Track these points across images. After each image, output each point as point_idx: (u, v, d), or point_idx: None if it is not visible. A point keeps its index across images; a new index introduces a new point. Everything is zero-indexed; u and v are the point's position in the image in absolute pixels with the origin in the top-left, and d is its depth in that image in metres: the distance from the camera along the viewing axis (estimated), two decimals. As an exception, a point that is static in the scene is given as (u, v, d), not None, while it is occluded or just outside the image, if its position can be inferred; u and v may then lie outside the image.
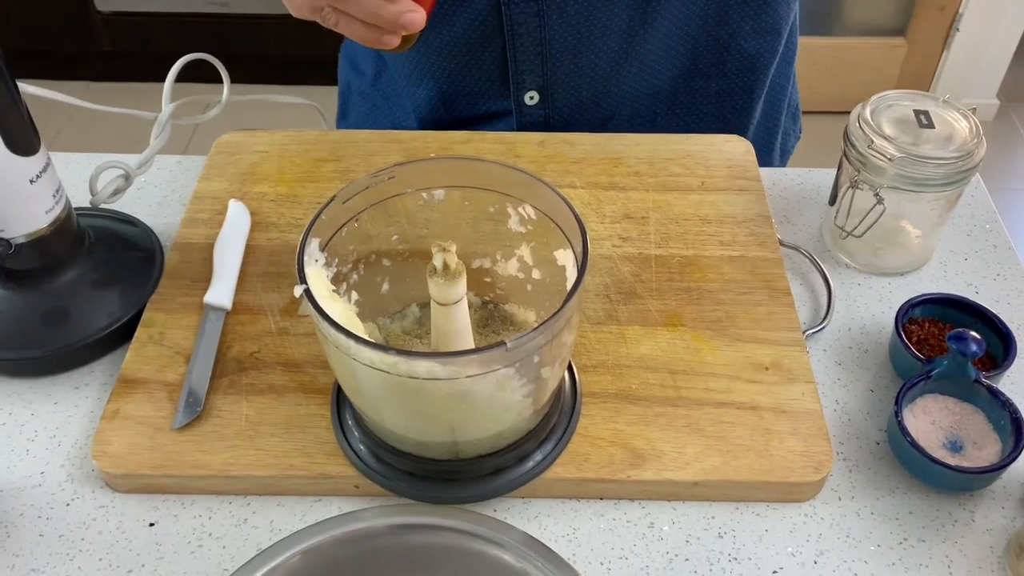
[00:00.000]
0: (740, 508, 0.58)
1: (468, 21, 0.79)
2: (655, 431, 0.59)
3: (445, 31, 0.80)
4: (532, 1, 0.77)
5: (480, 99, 0.85)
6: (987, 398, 0.59)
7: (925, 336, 0.65)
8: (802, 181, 0.80)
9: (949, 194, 0.67)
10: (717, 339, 0.64)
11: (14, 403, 0.63)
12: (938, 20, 2.23)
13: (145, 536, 0.56)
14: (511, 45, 0.79)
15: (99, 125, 0.78)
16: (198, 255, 0.70)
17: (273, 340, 0.64)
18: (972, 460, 0.58)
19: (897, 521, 0.57)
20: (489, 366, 0.49)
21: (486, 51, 0.81)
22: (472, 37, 0.80)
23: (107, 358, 0.66)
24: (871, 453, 0.61)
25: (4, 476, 0.59)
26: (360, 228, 0.58)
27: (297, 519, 0.57)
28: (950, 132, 0.67)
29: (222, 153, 0.79)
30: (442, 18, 0.79)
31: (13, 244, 0.62)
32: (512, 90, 0.83)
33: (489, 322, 0.65)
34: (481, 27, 0.79)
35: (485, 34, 0.80)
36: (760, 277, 0.69)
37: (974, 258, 0.74)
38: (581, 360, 0.63)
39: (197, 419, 0.59)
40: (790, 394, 0.61)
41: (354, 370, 0.50)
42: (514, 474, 0.57)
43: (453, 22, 0.80)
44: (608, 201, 0.75)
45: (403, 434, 0.55)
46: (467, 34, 0.80)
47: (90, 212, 0.72)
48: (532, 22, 0.78)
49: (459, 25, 0.79)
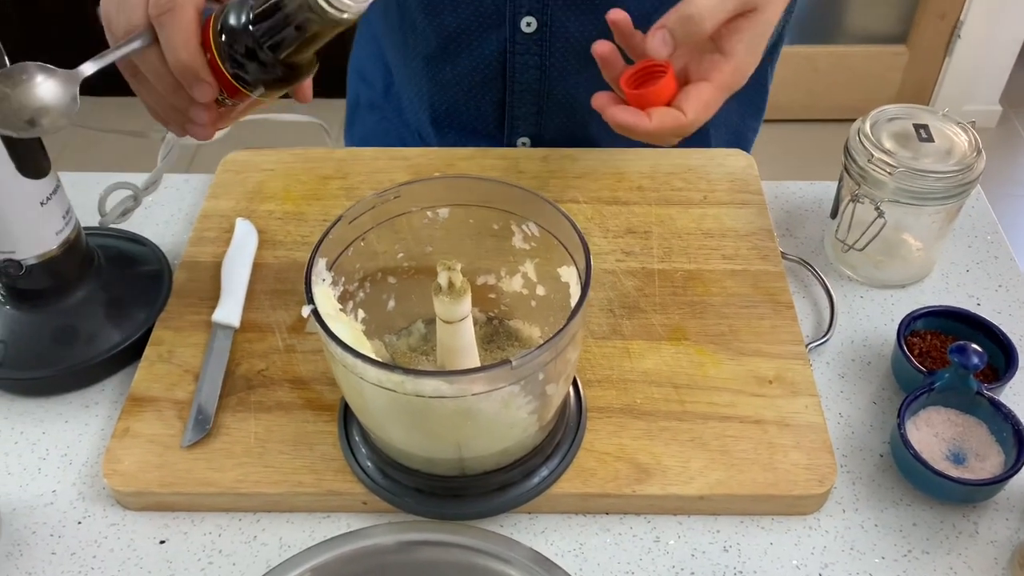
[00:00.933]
0: (745, 522, 0.58)
1: (473, 63, 0.80)
2: (660, 445, 0.60)
3: (448, 68, 0.82)
4: (535, 55, 0.78)
5: (471, 136, 0.86)
6: (989, 410, 0.60)
7: (927, 349, 0.65)
8: (803, 194, 0.81)
9: (949, 207, 0.68)
10: (721, 353, 0.65)
11: (26, 422, 0.64)
12: (939, 27, 2.24)
13: (156, 553, 0.57)
14: (510, 92, 0.81)
15: (105, 140, 0.79)
16: (206, 273, 0.71)
17: (281, 358, 0.65)
18: (975, 472, 0.58)
19: (901, 533, 0.58)
20: (495, 384, 0.50)
21: (485, 94, 0.82)
22: (474, 79, 0.82)
23: (117, 377, 0.66)
24: (874, 465, 0.61)
25: (16, 495, 0.60)
26: (366, 246, 0.58)
27: (306, 535, 0.58)
28: (949, 146, 0.67)
29: (228, 172, 0.80)
30: (448, 56, 0.81)
31: (24, 265, 0.63)
32: (505, 133, 0.84)
33: (494, 338, 0.65)
34: (484, 71, 0.81)
35: (487, 78, 0.81)
36: (763, 290, 0.69)
37: (976, 270, 0.74)
38: (586, 375, 0.64)
39: (206, 437, 0.60)
40: (793, 407, 0.62)
41: (361, 388, 0.51)
42: (520, 490, 0.57)
43: (457, 62, 0.81)
44: (611, 216, 0.75)
45: (410, 451, 0.56)
46: (469, 75, 0.81)
47: (99, 232, 0.73)
48: (533, 74, 0.79)
49: (463, 65, 0.81)
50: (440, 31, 0.79)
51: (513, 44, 0.78)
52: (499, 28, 0.77)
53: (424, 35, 0.80)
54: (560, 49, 0.78)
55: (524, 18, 0.76)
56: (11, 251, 0.62)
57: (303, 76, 0.58)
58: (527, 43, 0.78)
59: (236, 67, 0.54)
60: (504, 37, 0.78)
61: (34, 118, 0.52)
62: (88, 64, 0.53)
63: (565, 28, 0.77)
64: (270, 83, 0.56)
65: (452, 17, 0.78)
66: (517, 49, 0.78)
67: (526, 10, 0.76)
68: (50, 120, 0.52)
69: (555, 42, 0.78)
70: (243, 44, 0.54)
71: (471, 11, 0.77)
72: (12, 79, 0.51)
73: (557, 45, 0.78)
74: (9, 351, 0.65)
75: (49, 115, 0.52)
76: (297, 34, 0.53)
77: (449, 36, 0.79)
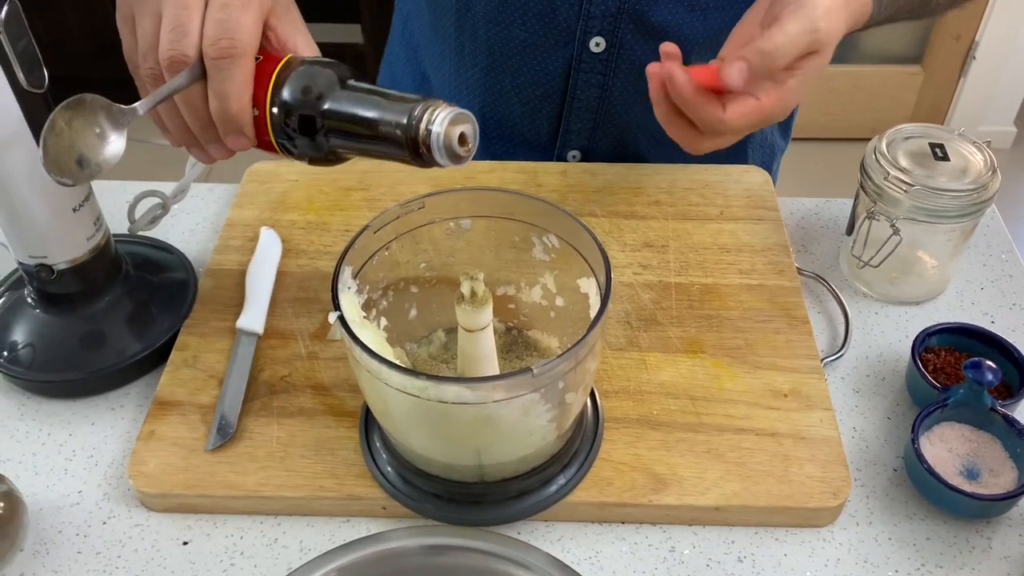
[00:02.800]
0: (760, 533, 0.59)
1: (535, 76, 0.81)
2: (676, 456, 0.60)
3: (508, 80, 0.83)
4: (600, 74, 0.80)
5: (520, 148, 0.87)
6: (1003, 426, 0.60)
7: (941, 365, 0.66)
8: (819, 211, 0.82)
9: (965, 225, 0.69)
10: (737, 366, 0.66)
11: (53, 424, 0.65)
12: (954, 48, 2.25)
13: (179, 554, 0.58)
14: (568, 107, 0.82)
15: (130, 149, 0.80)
16: (230, 281, 0.72)
17: (303, 364, 0.66)
18: (989, 487, 0.58)
19: (915, 547, 0.58)
20: (515, 391, 0.51)
21: (543, 108, 0.84)
22: (535, 92, 0.83)
23: (142, 380, 0.68)
24: (888, 480, 0.62)
25: (43, 494, 0.61)
26: (390, 256, 0.60)
27: (326, 539, 0.58)
28: (965, 165, 0.68)
29: (253, 182, 0.81)
30: (509, 68, 0.82)
31: (55, 270, 0.64)
32: (557, 146, 0.86)
33: (513, 348, 0.66)
34: (546, 85, 0.82)
35: (547, 92, 0.82)
36: (779, 305, 0.70)
37: (990, 288, 0.75)
38: (603, 386, 0.65)
39: (230, 441, 0.61)
40: (809, 421, 0.62)
41: (385, 394, 0.52)
42: (538, 497, 0.58)
43: (519, 74, 0.82)
44: (628, 230, 0.76)
45: (431, 457, 0.57)
46: (530, 88, 0.83)
47: (127, 239, 0.74)
48: (594, 92, 0.81)
49: (524, 78, 0.82)
50: (505, 43, 0.80)
51: (579, 63, 0.79)
52: (567, 46, 0.79)
53: (486, 46, 0.81)
54: (624, 71, 0.80)
55: (594, 38, 0.78)
56: (43, 256, 0.64)
57: (341, 162, 0.55)
58: (593, 62, 0.79)
59: (284, 137, 0.52)
60: (571, 55, 0.79)
61: (84, 157, 0.50)
62: (141, 104, 0.52)
63: (632, 51, 0.78)
64: (312, 159, 0.54)
65: (520, 31, 0.79)
66: (582, 68, 0.79)
67: (596, 30, 0.77)
68: (97, 164, 0.50)
69: (620, 64, 0.79)
70: (305, 122, 0.51)
71: (541, 26, 0.78)
72: (72, 112, 0.49)
73: (622, 67, 0.79)
74: (38, 354, 0.66)
75: (99, 157, 0.50)
76: (372, 146, 0.50)
77: (514, 49, 0.80)
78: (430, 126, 0.48)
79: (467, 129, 0.49)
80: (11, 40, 0.55)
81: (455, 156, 0.49)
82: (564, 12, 0.77)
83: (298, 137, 0.52)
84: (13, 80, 0.56)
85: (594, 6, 0.76)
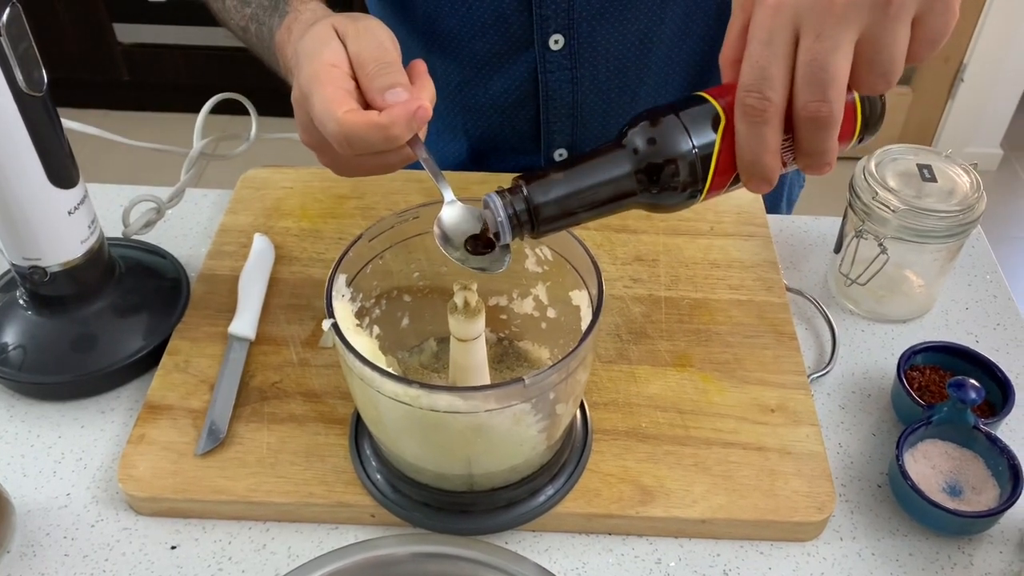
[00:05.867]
0: (745, 546, 0.59)
1: (505, 85, 0.83)
2: (664, 469, 0.61)
3: (481, 93, 0.84)
4: (567, 70, 0.81)
5: (510, 155, 0.89)
6: (986, 444, 0.61)
7: (926, 383, 0.67)
8: (808, 229, 0.83)
9: (951, 245, 0.70)
10: (725, 380, 0.66)
11: (42, 426, 0.65)
12: (943, 70, 2.27)
13: (167, 559, 0.58)
14: (544, 108, 0.84)
15: (118, 153, 0.80)
16: (223, 286, 0.72)
17: (295, 371, 0.66)
18: (971, 504, 0.59)
19: (897, 563, 0.59)
20: (507, 401, 0.51)
21: (520, 113, 0.85)
22: (508, 100, 0.84)
23: (133, 384, 0.68)
24: (872, 495, 0.62)
25: (31, 496, 0.61)
26: (384, 265, 0.60)
27: (314, 546, 0.59)
28: (952, 186, 0.69)
29: (248, 188, 0.82)
30: (479, 82, 0.83)
31: (48, 272, 0.64)
32: (543, 148, 0.87)
33: (504, 358, 0.67)
34: (517, 91, 0.83)
35: (520, 98, 0.84)
36: (767, 321, 0.71)
37: (975, 308, 0.76)
38: (592, 397, 0.65)
39: (220, 446, 0.61)
40: (795, 436, 0.63)
41: (377, 402, 0.52)
42: (526, 507, 0.58)
43: (490, 86, 0.83)
44: (620, 243, 0.77)
45: (421, 465, 0.57)
46: (503, 97, 0.84)
47: (121, 243, 0.75)
48: (565, 88, 0.82)
49: (496, 88, 0.83)
50: (471, 59, 0.82)
51: (544, 63, 0.80)
52: (528, 49, 0.80)
53: (455, 64, 0.83)
54: (589, 61, 0.81)
55: (552, 36, 0.79)
56: (37, 258, 0.64)
57: None
58: (557, 60, 0.80)
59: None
60: (534, 57, 0.80)
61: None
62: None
63: (592, 41, 0.80)
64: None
65: (481, 43, 0.80)
66: (548, 67, 0.81)
67: (553, 29, 0.78)
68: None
69: (583, 55, 0.80)
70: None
71: (499, 35, 0.80)
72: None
73: (585, 57, 0.81)
74: (29, 356, 0.66)
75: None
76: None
77: (480, 62, 0.82)
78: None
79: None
80: (12, 43, 0.55)
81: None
82: (516, 18, 0.78)
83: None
84: (12, 83, 0.56)
85: (544, 7, 0.77)
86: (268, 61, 0.70)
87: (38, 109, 0.59)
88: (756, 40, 0.48)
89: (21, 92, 0.57)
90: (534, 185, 0.50)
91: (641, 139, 0.49)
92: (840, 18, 0.46)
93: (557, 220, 0.50)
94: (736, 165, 0.50)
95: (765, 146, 0.48)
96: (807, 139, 0.49)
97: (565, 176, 0.50)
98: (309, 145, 0.59)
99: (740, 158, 0.50)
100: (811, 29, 0.46)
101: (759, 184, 0.51)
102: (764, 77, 0.47)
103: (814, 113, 0.47)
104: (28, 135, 0.58)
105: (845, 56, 0.47)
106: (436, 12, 0.80)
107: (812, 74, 0.47)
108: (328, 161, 0.59)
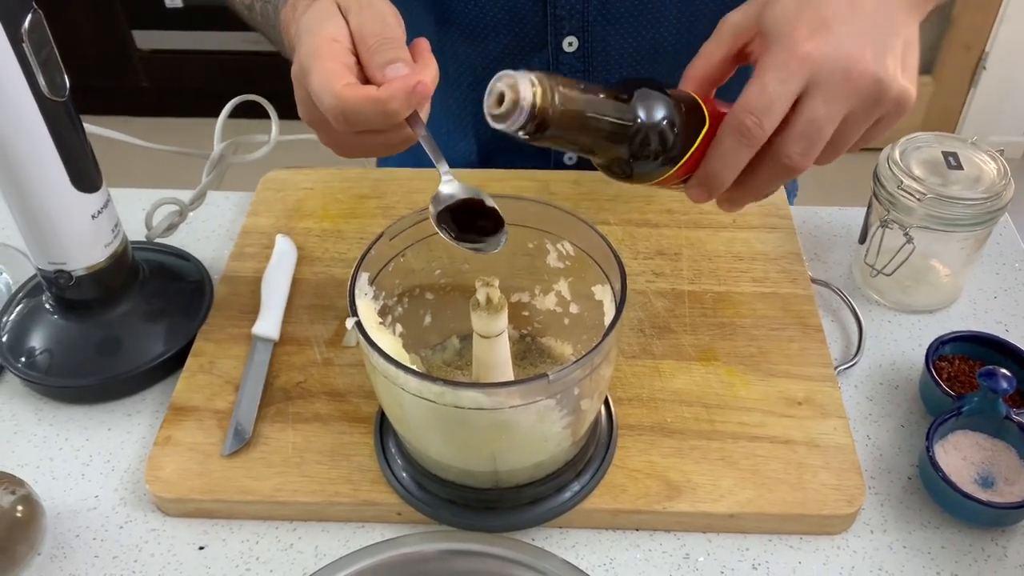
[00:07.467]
0: (774, 540, 0.59)
1: None
2: (690, 464, 0.60)
3: None
4: (580, 72, 0.81)
5: (518, 157, 0.88)
6: (1018, 434, 0.60)
7: (955, 373, 0.66)
8: (832, 219, 0.82)
9: (978, 234, 0.69)
10: (750, 374, 0.66)
11: (70, 429, 0.66)
12: (964, 58, 2.25)
13: (195, 559, 0.58)
14: None
15: (139, 158, 0.81)
16: (246, 288, 0.73)
17: (319, 370, 0.67)
18: (1004, 496, 0.58)
19: (929, 555, 0.58)
20: (531, 397, 0.51)
21: None
22: None
23: (159, 386, 0.68)
24: (903, 488, 0.62)
25: (61, 499, 0.61)
26: (405, 263, 0.60)
27: (341, 544, 0.59)
28: (978, 173, 0.68)
29: (269, 190, 0.82)
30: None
31: (73, 276, 0.65)
32: (552, 151, 0.86)
33: (527, 355, 0.66)
34: None
35: None
36: (792, 313, 0.70)
37: (1003, 296, 0.75)
38: (617, 393, 0.65)
39: (245, 446, 0.62)
40: (822, 429, 0.62)
41: (401, 400, 0.52)
42: (552, 504, 0.58)
43: None
44: (642, 238, 0.77)
45: (446, 463, 0.57)
46: None
47: (144, 246, 0.75)
48: None
49: None
50: (484, 58, 0.81)
51: (557, 65, 0.80)
52: (542, 50, 0.80)
53: (467, 64, 0.83)
54: (601, 64, 0.81)
55: (566, 38, 0.79)
56: (62, 262, 0.64)
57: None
58: (570, 61, 0.80)
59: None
60: (547, 58, 0.80)
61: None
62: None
63: (605, 44, 0.79)
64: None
65: (495, 43, 0.80)
66: (561, 69, 0.80)
67: (567, 30, 0.78)
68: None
69: (596, 58, 0.80)
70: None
71: (513, 36, 0.79)
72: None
73: (598, 60, 0.80)
74: (55, 359, 0.67)
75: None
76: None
77: (493, 62, 0.81)
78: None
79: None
80: (34, 49, 0.56)
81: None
82: (531, 18, 0.78)
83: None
84: (35, 88, 0.57)
85: (559, 8, 0.77)
86: (273, 40, 0.69)
87: (61, 114, 0.59)
88: (775, 76, 0.51)
89: (44, 97, 0.57)
90: (561, 91, 0.49)
91: (646, 105, 0.51)
92: (848, 94, 0.51)
93: (563, 130, 0.50)
94: (695, 168, 0.53)
95: (735, 164, 0.52)
96: (766, 178, 0.54)
97: (586, 98, 0.50)
98: (308, 122, 0.57)
99: (707, 164, 0.53)
100: (822, 92, 0.51)
101: (703, 193, 0.55)
102: (769, 110, 0.50)
103: (795, 163, 0.52)
104: (52, 140, 0.59)
105: (834, 127, 0.52)
106: (450, 7, 0.80)
107: (809, 132, 0.51)
108: (328, 140, 0.58)
